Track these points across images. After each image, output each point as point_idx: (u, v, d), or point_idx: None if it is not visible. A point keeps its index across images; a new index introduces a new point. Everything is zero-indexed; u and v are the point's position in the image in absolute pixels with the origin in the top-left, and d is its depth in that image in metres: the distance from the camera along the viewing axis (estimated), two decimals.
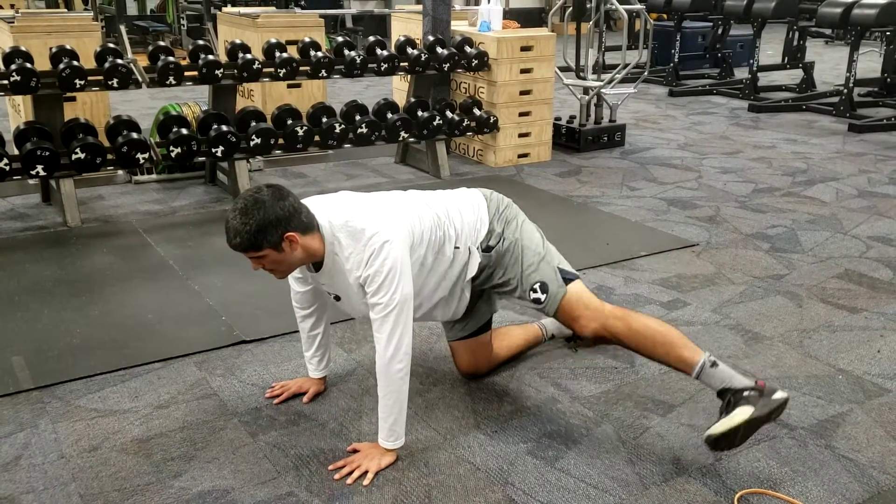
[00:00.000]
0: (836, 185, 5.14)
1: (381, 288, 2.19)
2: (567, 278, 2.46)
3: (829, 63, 10.53)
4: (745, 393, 2.24)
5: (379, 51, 5.07)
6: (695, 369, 2.30)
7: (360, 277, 2.23)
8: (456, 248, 2.44)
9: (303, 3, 11.78)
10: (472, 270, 2.48)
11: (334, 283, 2.35)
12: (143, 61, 4.51)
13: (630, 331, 2.38)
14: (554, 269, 2.47)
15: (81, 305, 3.31)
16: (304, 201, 2.32)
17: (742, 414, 2.20)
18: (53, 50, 4.37)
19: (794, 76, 8.88)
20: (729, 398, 2.27)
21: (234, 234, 2.16)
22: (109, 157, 4.28)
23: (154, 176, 5.11)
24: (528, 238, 2.52)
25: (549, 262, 2.48)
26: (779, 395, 2.25)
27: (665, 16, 10.05)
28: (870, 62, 9.56)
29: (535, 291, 2.44)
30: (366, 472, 2.23)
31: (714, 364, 2.30)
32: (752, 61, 8.17)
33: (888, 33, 7.75)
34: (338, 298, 2.42)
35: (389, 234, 2.22)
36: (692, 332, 3.12)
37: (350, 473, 2.23)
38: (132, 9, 12.08)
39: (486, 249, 2.47)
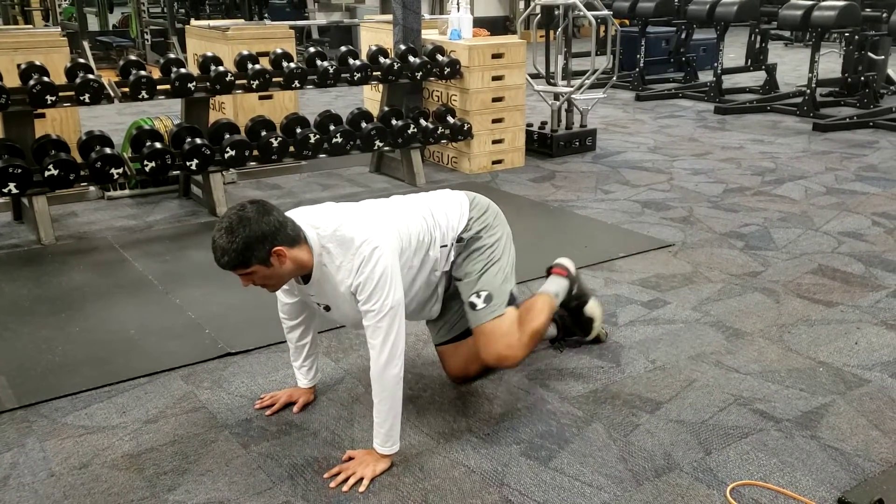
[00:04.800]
0: (805, 183, 5.24)
1: (372, 295, 2.20)
2: (512, 303, 2.55)
3: (791, 64, 10.74)
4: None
5: (351, 61, 5.08)
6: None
7: (351, 285, 2.24)
8: (442, 246, 2.49)
9: (267, 15, 11.76)
10: (442, 269, 2.54)
11: (324, 293, 2.35)
12: (106, 77, 4.47)
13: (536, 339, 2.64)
14: (508, 291, 2.54)
15: (61, 323, 3.27)
16: (290, 213, 2.33)
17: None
18: (23, 66, 4.32)
19: (757, 78, 9.04)
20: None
21: (222, 254, 2.16)
22: (83, 173, 4.23)
23: (127, 191, 5.06)
24: (504, 254, 2.58)
25: (507, 282, 2.55)
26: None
27: (627, 21, 10.19)
28: (829, 63, 9.76)
29: (478, 296, 2.49)
30: (361, 479, 2.23)
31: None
32: (716, 64, 8.31)
33: (847, 35, 7.92)
34: (328, 308, 2.42)
35: (378, 241, 2.23)
36: (674, 329, 3.17)
37: (346, 480, 2.23)
38: (93, 24, 11.96)
39: (458, 241, 2.53)
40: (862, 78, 7.74)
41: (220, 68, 4.63)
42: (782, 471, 2.29)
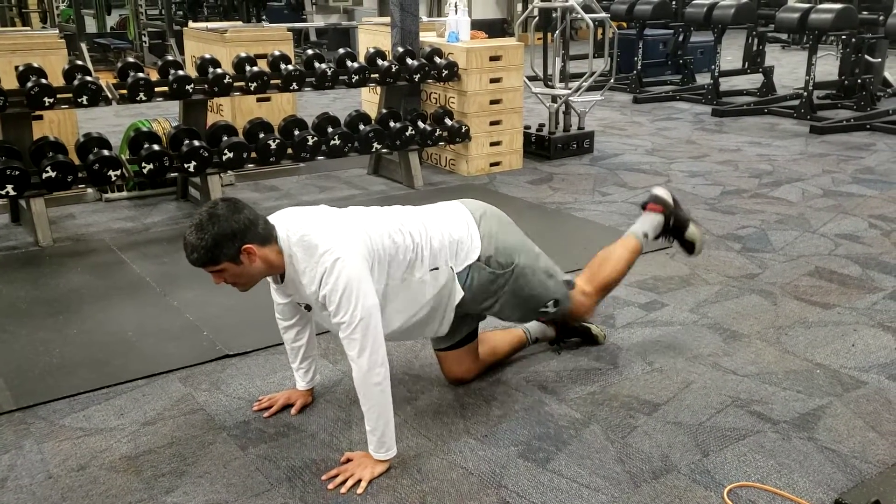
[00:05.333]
0: (802, 186, 5.26)
1: (340, 307, 2.19)
2: (569, 283, 2.71)
3: (787, 67, 10.76)
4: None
5: (349, 63, 5.09)
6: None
7: (316, 293, 2.23)
8: (434, 269, 2.42)
9: (265, 17, 11.76)
10: (458, 295, 2.48)
11: (299, 293, 2.35)
12: (104, 79, 4.47)
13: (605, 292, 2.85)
14: (558, 282, 2.67)
15: (59, 325, 3.27)
16: (278, 213, 2.34)
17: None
18: (20, 68, 4.32)
19: (754, 81, 9.05)
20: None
21: (192, 250, 2.17)
22: (80, 175, 4.23)
23: (125, 193, 5.06)
24: (525, 251, 2.61)
25: (550, 277, 2.65)
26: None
27: (625, 24, 10.21)
28: (826, 66, 9.78)
29: (545, 307, 2.65)
30: (359, 481, 2.24)
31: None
32: (713, 67, 8.33)
33: (844, 37, 7.94)
34: (308, 308, 2.42)
35: (341, 252, 2.20)
36: (672, 331, 3.18)
37: (344, 482, 2.24)
38: (91, 26, 11.96)
39: (489, 264, 2.52)
40: (859, 80, 7.76)
41: (218, 70, 4.64)
42: (779, 472, 2.29)
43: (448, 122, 5.44)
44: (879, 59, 7.94)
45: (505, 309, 2.60)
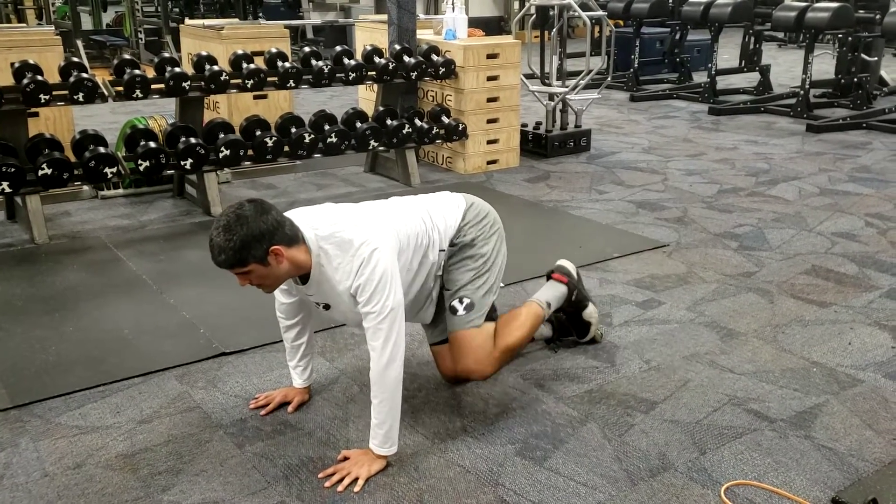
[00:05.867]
0: (799, 184, 5.26)
1: (373, 297, 2.20)
2: (490, 317, 2.60)
3: (784, 66, 10.76)
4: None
5: (346, 60, 5.08)
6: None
7: (350, 287, 2.24)
8: (441, 251, 2.51)
9: (262, 14, 11.74)
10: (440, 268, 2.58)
11: (323, 293, 2.35)
12: (100, 76, 4.46)
13: (509, 356, 2.69)
14: (489, 304, 2.58)
15: (55, 322, 3.26)
16: (289, 213, 2.33)
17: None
18: (16, 65, 4.30)
19: (751, 79, 9.06)
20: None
21: (219, 252, 2.15)
22: (76, 172, 4.22)
23: (121, 191, 5.05)
24: (494, 267, 2.61)
25: (491, 294, 2.59)
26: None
27: (622, 22, 10.20)
28: (823, 64, 9.80)
29: (460, 302, 2.54)
30: (356, 479, 2.23)
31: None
32: (710, 65, 8.33)
33: (840, 36, 7.94)
34: (327, 307, 2.42)
35: (378, 243, 2.24)
36: (669, 330, 3.18)
37: (341, 480, 2.23)
38: (87, 23, 11.92)
39: (451, 245, 2.56)
40: (855, 79, 7.76)
41: (215, 67, 4.63)
42: (776, 470, 2.29)
43: (445, 119, 5.44)
44: (876, 58, 7.95)
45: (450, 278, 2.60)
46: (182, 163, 4.43)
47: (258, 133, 4.67)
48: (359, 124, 5.02)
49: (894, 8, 7.58)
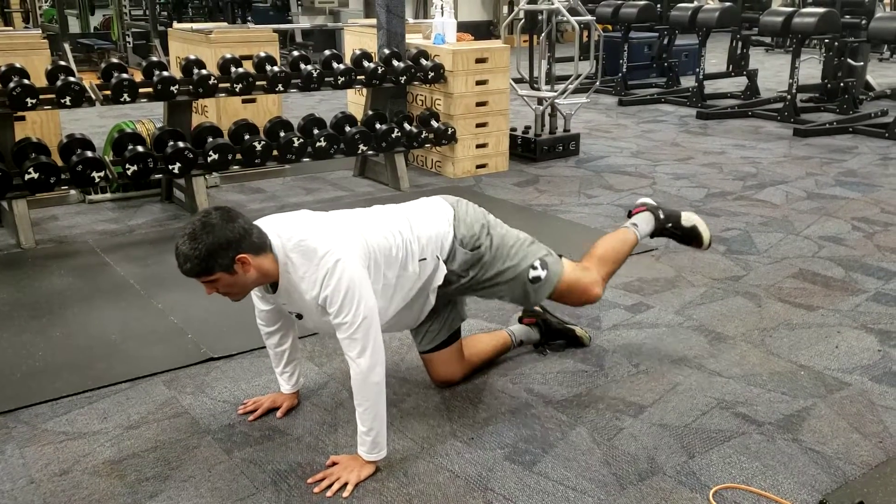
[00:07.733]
0: (786, 188, 5.29)
1: (342, 308, 2.18)
2: (559, 254, 2.70)
3: (771, 70, 10.82)
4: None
5: (335, 64, 5.08)
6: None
7: (317, 297, 2.21)
8: (421, 259, 2.44)
9: (250, 18, 11.73)
10: (439, 279, 2.50)
11: (293, 301, 2.32)
12: (87, 79, 4.44)
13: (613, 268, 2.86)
14: (542, 246, 2.67)
15: (42, 328, 3.24)
16: (261, 221, 2.31)
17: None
18: (2, 68, 4.28)
19: (738, 84, 9.11)
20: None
21: (185, 260, 2.14)
22: (64, 176, 4.20)
23: (108, 195, 5.02)
24: (510, 235, 2.63)
25: (537, 244, 2.67)
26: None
27: (610, 27, 10.24)
28: (809, 69, 9.85)
29: (534, 269, 2.59)
30: (346, 485, 2.22)
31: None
32: (697, 70, 8.37)
33: (827, 41, 8.00)
34: (300, 317, 2.40)
35: (341, 252, 2.20)
36: (657, 333, 3.18)
37: (330, 486, 2.22)
38: (74, 26, 11.87)
39: (474, 248, 2.52)
40: (841, 84, 7.82)
41: (204, 71, 4.62)
42: (764, 474, 2.30)
43: (434, 124, 5.44)
44: (862, 63, 8.01)
45: (498, 282, 2.58)
46: (170, 167, 4.41)
47: (247, 137, 4.66)
48: (348, 128, 5.01)
49: (880, 13, 7.65)
